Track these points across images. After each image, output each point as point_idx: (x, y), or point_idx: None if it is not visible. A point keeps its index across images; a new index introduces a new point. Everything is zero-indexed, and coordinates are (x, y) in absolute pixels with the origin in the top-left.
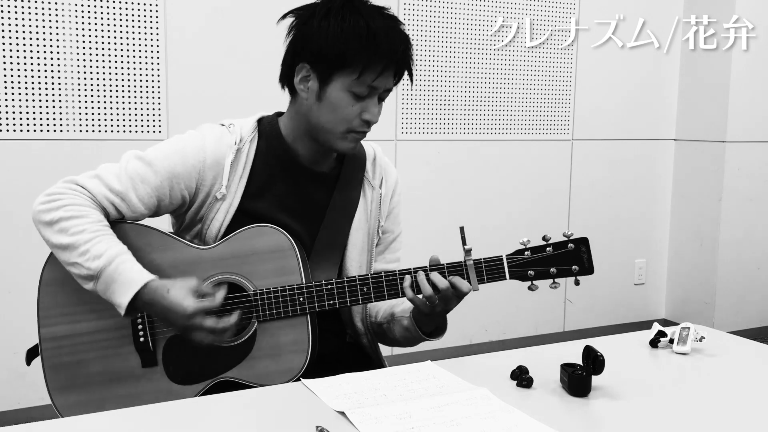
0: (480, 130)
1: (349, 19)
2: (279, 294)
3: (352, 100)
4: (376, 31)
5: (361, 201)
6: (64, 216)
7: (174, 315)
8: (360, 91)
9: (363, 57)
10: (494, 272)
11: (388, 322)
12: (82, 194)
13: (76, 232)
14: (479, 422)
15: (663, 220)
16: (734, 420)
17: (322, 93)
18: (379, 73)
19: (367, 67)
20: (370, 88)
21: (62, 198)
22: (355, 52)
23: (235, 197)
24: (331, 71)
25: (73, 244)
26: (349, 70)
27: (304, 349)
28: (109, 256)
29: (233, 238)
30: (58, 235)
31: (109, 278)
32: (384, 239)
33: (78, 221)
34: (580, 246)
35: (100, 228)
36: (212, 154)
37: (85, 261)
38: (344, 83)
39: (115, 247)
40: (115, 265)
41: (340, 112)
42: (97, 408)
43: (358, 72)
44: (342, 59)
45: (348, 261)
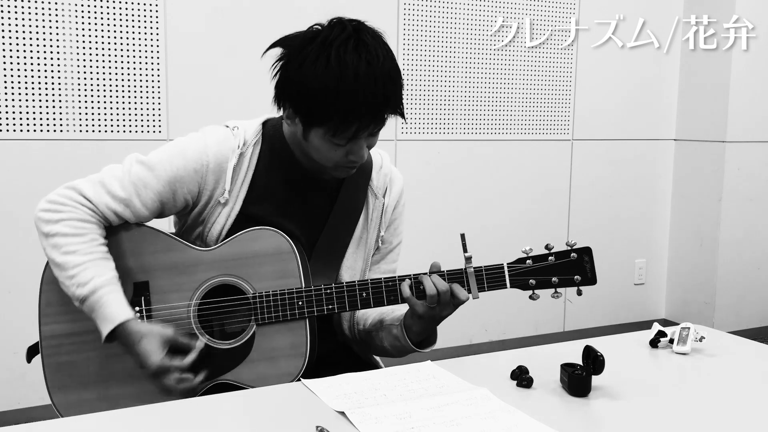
0: (480, 130)
1: (322, 76)
2: (278, 297)
3: (335, 146)
4: (348, 93)
5: (364, 210)
6: (60, 231)
7: (142, 364)
8: (340, 142)
9: (334, 118)
10: (495, 280)
11: (377, 330)
12: (83, 207)
13: (68, 251)
14: (479, 422)
15: (663, 220)
16: (734, 420)
17: (306, 135)
18: (354, 131)
19: (339, 128)
20: (351, 138)
21: (62, 211)
22: (325, 112)
23: (237, 202)
24: (309, 123)
25: (63, 265)
26: (324, 128)
27: (301, 353)
28: (93, 286)
29: (234, 240)
30: (52, 250)
31: (91, 307)
32: (381, 249)
33: (72, 240)
34: (583, 256)
35: (93, 250)
36: (215, 158)
37: (71, 285)
38: (323, 134)
39: (101, 277)
40: (97, 297)
41: (324, 154)
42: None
43: (332, 131)
44: (314, 117)
45: (342, 269)
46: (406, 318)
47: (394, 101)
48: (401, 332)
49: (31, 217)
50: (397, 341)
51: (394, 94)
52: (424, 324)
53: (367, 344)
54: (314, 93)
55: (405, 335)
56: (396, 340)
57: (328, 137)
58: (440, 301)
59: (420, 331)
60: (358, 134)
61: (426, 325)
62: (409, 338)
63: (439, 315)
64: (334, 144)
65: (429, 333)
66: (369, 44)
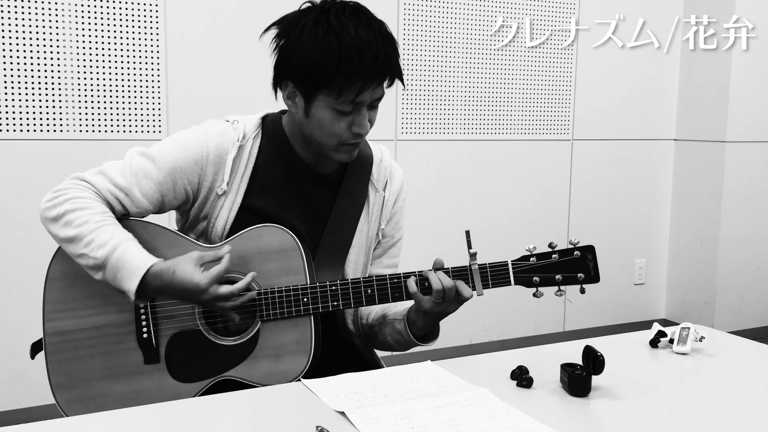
0: (480, 130)
1: (322, 39)
2: (283, 294)
3: (338, 116)
4: (349, 49)
5: (365, 204)
6: (68, 209)
7: (188, 293)
8: (343, 108)
9: (338, 79)
10: (499, 277)
11: (379, 324)
12: (87, 188)
13: (81, 223)
14: (479, 422)
15: (663, 220)
16: (734, 420)
17: (308, 110)
18: (357, 90)
19: (344, 87)
20: (354, 104)
21: (66, 192)
22: (329, 74)
23: (238, 194)
24: (312, 91)
25: (78, 236)
26: (327, 90)
27: (306, 349)
28: (112, 244)
29: (238, 237)
30: (64, 228)
31: (114, 266)
32: (383, 243)
33: (82, 212)
34: (586, 254)
35: (103, 218)
36: (215, 149)
37: (91, 251)
38: (326, 102)
39: (119, 235)
40: (119, 253)
41: (327, 128)
42: (99, 403)
43: (336, 93)
44: (318, 81)
45: (345, 263)
46: (410, 313)
47: (395, 61)
48: (404, 327)
49: (32, 217)
50: (399, 335)
51: (395, 55)
52: (429, 319)
53: (370, 338)
54: (317, 55)
55: (408, 329)
56: (399, 334)
57: (331, 103)
58: (446, 297)
59: (423, 326)
60: (361, 93)
61: (430, 321)
62: (412, 332)
63: (444, 311)
64: (338, 113)
65: (432, 328)
66: (365, 12)
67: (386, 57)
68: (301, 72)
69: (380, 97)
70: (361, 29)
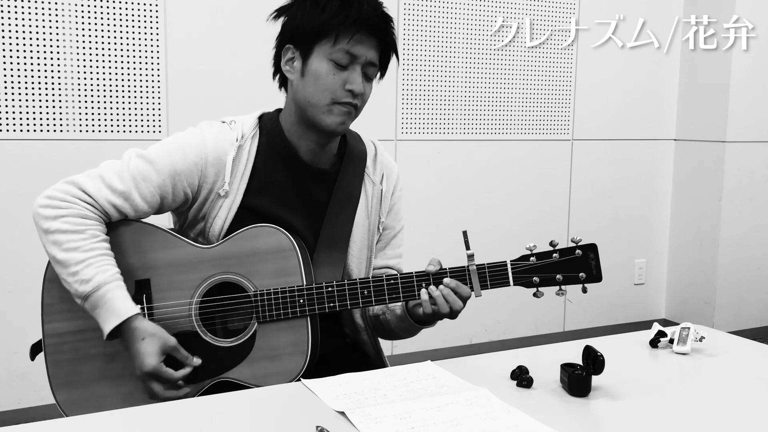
0: (480, 130)
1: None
2: (279, 295)
3: (334, 68)
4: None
5: (362, 197)
6: (60, 228)
7: (135, 362)
8: (339, 57)
9: (336, 21)
10: (498, 278)
11: (383, 313)
12: (83, 203)
13: (70, 248)
14: (479, 422)
15: (663, 220)
16: (734, 420)
17: (305, 68)
18: (352, 35)
19: (341, 31)
20: (350, 56)
21: (62, 207)
22: (328, 18)
23: (237, 194)
24: (311, 43)
25: (65, 262)
26: (325, 38)
27: (303, 350)
28: (96, 282)
29: (234, 238)
30: (52, 246)
31: (94, 304)
32: (385, 235)
33: (73, 237)
34: (588, 252)
35: (94, 246)
36: (213, 151)
37: (74, 282)
38: (323, 52)
39: (105, 273)
40: (101, 293)
41: (322, 82)
42: (99, 404)
43: (333, 37)
44: (317, 28)
45: (348, 257)
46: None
47: (390, 28)
48: (404, 312)
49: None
50: (401, 321)
51: (391, 24)
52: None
53: (378, 329)
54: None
55: (407, 314)
56: (401, 320)
57: (328, 53)
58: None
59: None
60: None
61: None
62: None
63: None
64: (334, 65)
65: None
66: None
67: (383, 18)
68: (304, 24)
69: (375, 66)
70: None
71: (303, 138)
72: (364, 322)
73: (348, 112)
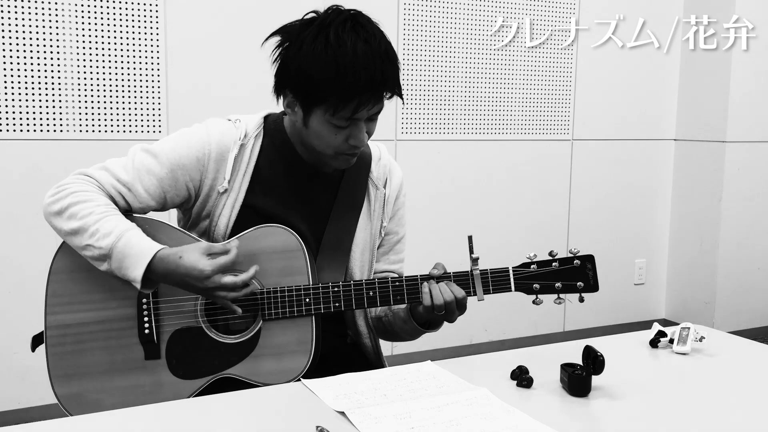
0: (480, 130)
1: (320, 55)
2: (285, 294)
3: (335, 129)
4: (346, 67)
5: (365, 201)
6: (72, 202)
7: (192, 279)
8: (339, 123)
9: (334, 97)
10: (500, 283)
11: (386, 315)
12: (90, 182)
13: (85, 215)
14: (479, 422)
15: (663, 220)
16: (734, 420)
17: (307, 121)
18: (353, 109)
19: (339, 105)
20: (351, 119)
21: (69, 186)
22: (325, 91)
23: (240, 193)
24: (310, 104)
25: (82, 227)
26: (324, 106)
27: (307, 349)
28: (117, 232)
29: (242, 237)
30: (69, 221)
31: (120, 254)
32: (387, 240)
33: (85, 205)
34: (586, 263)
35: (106, 209)
36: (217, 147)
37: (96, 241)
38: (323, 116)
39: (123, 224)
40: (125, 240)
41: (324, 140)
42: (99, 398)
43: (332, 110)
44: (315, 96)
45: (351, 261)
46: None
47: (392, 79)
48: (408, 315)
49: (32, 217)
50: (405, 324)
51: (393, 72)
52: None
53: (381, 331)
54: (314, 71)
55: (411, 317)
56: (405, 323)
57: (328, 118)
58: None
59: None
60: (357, 111)
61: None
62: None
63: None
64: (335, 127)
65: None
66: (365, 25)
67: (383, 77)
68: (299, 85)
69: (379, 111)
70: (360, 46)
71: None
72: (367, 326)
73: (353, 156)
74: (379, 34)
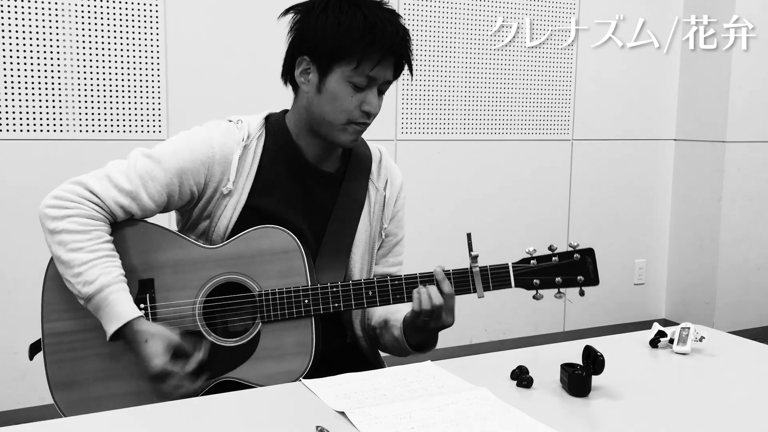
0: (480, 130)
1: (347, 11)
2: (284, 295)
3: (351, 90)
4: (374, 22)
5: (366, 202)
6: (66, 228)
7: (144, 365)
8: (359, 81)
9: (360, 47)
10: (500, 280)
11: (381, 328)
12: (90, 203)
13: (75, 249)
14: (479, 422)
15: (663, 220)
16: (734, 420)
17: (322, 85)
18: (376, 62)
19: (364, 57)
20: (369, 78)
21: (69, 207)
22: (352, 42)
23: (242, 194)
24: (330, 62)
25: (69, 262)
26: (347, 60)
27: (307, 351)
28: (99, 284)
29: (240, 238)
30: (57, 247)
31: (97, 306)
32: (387, 242)
33: (78, 237)
34: (586, 257)
35: (99, 248)
36: (220, 150)
37: (77, 283)
38: (343, 74)
39: (108, 276)
40: (104, 296)
41: (339, 103)
42: (97, 404)
43: (356, 62)
44: (340, 50)
45: (351, 262)
46: (405, 324)
47: (409, 45)
48: (401, 335)
49: (32, 217)
50: (397, 342)
51: (407, 40)
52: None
53: (374, 340)
54: (342, 26)
55: (404, 338)
56: (396, 341)
57: (348, 74)
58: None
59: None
60: (379, 65)
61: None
62: (409, 342)
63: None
64: (352, 87)
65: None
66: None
67: (404, 37)
68: (324, 43)
69: (390, 82)
70: (382, 10)
71: (309, 141)
72: (362, 330)
73: (361, 130)
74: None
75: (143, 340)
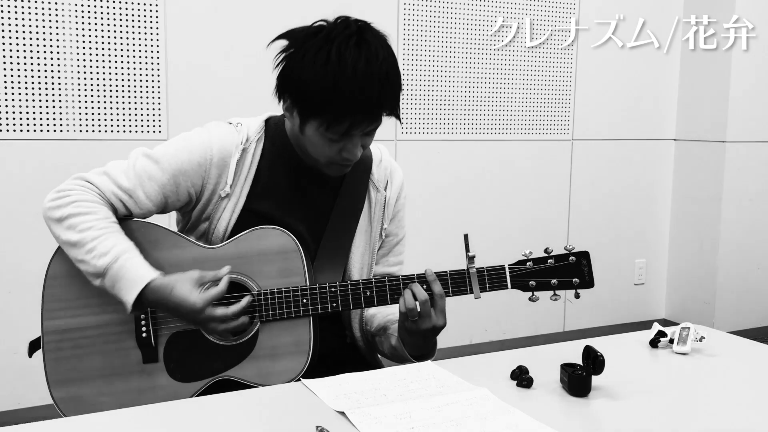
0: (480, 130)
1: (320, 70)
2: (283, 295)
3: (329, 141)
4: (344, 88)
5: (366, 203)
6: (72, 212)
7: (183, 311)
8: (333, 137)
9: (328, 112)
10: (496, 281)
11: (379, 335)
12: (91, 190)
13: (84, 228)
14: (479, 422)
15: (663, 220)
16: (734, 420)
17: (303, 127)
18: (347, 127)
19: (333, 122)
20: (344, 134)
21: (71, 194)
22: (321, 105)
23: (240, 197)
24: (306, 114)
25: (80, 242)
26: (319, 120)
27: (305, 350)
28: (114, 253)
29: (239, 239)
30: (67, 231)
31: (114, 276)
32: (387, 242)
33: (86, 218)
34: (581, 259)
35: (107, 225)
36: (218, 152)
37: (92, 258)
38: (318, 128)
39: (121, 244)
40: (120, 263)
41: (318, 149)
42: (96, 402)
43: (326, 125)
44: (312, 107)
45: (350, 263)
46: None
47: (390, 102)
48: (399, 343)
49: (32, 217)
50: (395, 351)
51: (391, 96)
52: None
53: (372, 346)
54: (311, 86)
55: (402, 346)
56: (394, 349)
57: (322, 131)
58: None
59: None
60: (350, 131)
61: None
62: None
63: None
64: (328, 139)
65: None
66: (371, 43)
67: (380, 100)
68: (297, 94)
69: (375, 129)
70: (360, 66)
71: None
72: (361, 333)
73: (347, 166)
74: (383, 54)
75: (169, 291)
